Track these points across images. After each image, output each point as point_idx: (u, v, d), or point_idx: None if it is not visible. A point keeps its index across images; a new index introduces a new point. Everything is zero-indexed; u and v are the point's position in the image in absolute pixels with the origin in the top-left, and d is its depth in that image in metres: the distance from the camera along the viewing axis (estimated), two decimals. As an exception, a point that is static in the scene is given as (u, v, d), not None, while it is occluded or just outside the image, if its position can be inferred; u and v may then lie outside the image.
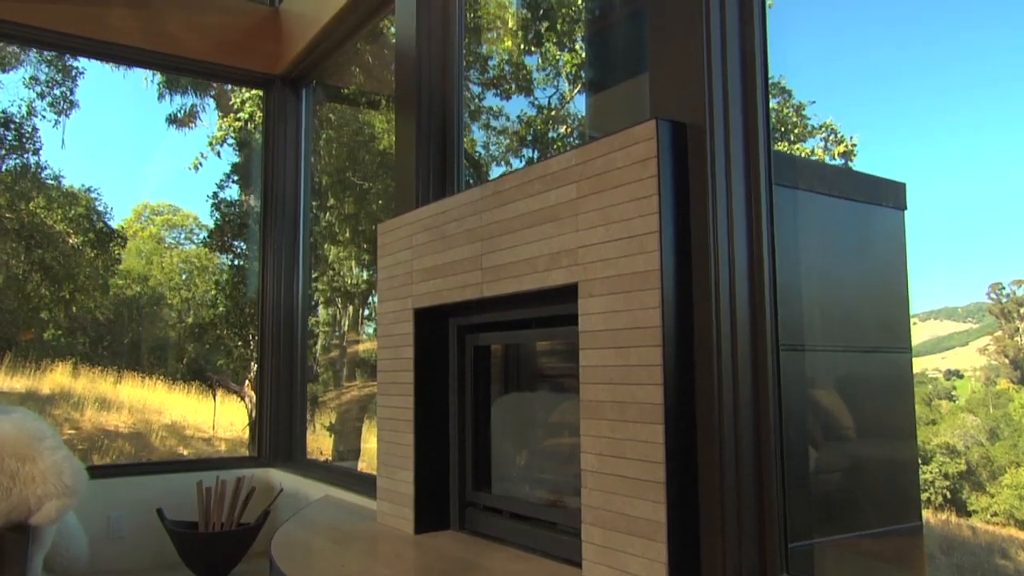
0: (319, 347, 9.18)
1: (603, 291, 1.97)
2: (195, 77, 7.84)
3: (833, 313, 2.17)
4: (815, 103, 4.98)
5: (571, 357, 2.39)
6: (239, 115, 8.12)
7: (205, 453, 9.20)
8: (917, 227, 2.21)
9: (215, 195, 8.42)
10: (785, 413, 1.81)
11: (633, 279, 1.88)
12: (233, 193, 8.50)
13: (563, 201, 2.14)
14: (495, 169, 7.44)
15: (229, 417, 9.44)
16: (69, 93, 8.50)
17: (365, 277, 8.59)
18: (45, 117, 8.34)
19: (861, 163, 4.90)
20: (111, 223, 8.93)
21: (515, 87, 7.12)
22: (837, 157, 4.91)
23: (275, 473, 4.47)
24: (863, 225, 2.29)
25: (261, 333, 4.78)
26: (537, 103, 7.07)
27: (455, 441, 2.85)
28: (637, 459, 1.84)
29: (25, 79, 8.32)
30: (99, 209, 8.85)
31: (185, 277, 10.34)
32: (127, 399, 9.35)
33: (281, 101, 4.86)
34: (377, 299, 3.21)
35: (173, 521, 3.95)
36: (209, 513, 3.96)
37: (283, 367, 4.70)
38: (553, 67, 6.61)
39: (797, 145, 4.98)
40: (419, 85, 3.21)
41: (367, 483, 3.43)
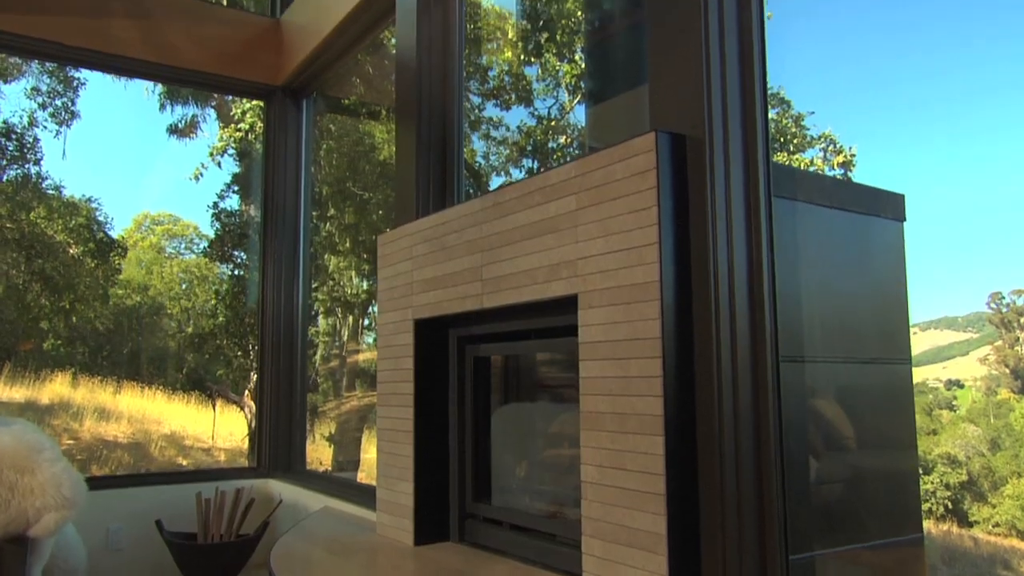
0: (319, 357, 9.17)
1: (603, 302, 1.97)
2: (196, 88, 7.86)
3: (833, 324, 2.17)
4: (814, 113, 5.00)
5: (571, 368, 2.39)
6: (240, 126, 8.15)
7: (204, 463, 9.17)
8: (916, 238, 2.22)
9: (215, 205, 8.44)
10: (785, 424, 1.80)
11: (633, 290, 1.88)
12: (233, 203, 8.51)
13: (563, 212, 2.14)
14: (495, 179, 7.45)
15: (228, 427, 9.41)
16: (70, 104, 8.52)
17: (365, 287, 8.59)
18: (46, 127, 8.36)
19: (860, 173, 4.92)
20: (111, 233, 8.93)
21: (515, 97, 7.14)
22: (836, 167, 4.92)
23: (274, 484, 4.46)
24: (862, 236, 2.29)
25: (261, 343, 4.78)
26: (537, 113, 7.09)
27: (455, 452, 2.84)
28: (637, 471, 1.84)
29: (27, 90, 8.34)
30: (99, 219, 8.86)
31: (185, 287, 10.33)
32: (126, 409, 9.32)
33: (282, 112, 4.88)
34: (377, 310, 3.21)
35: (172, 532, 3.93)
36: (208, 524, 3.95)
37: (283, 377, 4.70)
38: (553, 78, 6.63)
39: (796, 156, 5.00)
40: (419, 96, 3.22)
41: (367, 494, 3.42)
